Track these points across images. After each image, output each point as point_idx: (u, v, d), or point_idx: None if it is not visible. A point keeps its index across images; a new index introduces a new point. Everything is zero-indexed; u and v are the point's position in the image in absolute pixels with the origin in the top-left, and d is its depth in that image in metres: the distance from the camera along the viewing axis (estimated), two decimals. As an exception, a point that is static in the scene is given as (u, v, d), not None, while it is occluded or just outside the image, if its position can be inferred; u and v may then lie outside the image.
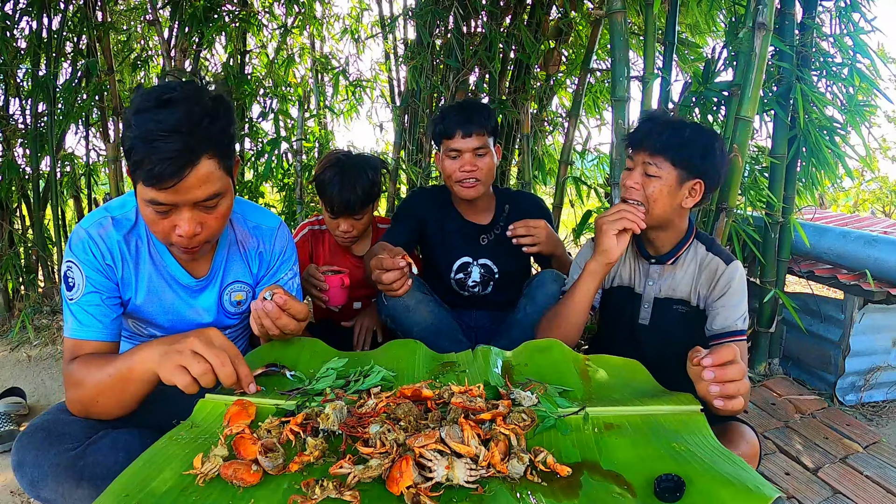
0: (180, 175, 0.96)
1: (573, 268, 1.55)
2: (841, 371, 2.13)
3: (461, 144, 1.65)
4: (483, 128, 1.65)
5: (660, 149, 1.31)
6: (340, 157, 1.72)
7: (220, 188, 1.04)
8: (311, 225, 1.88)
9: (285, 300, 1.07)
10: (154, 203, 0.99)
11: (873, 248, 2.07)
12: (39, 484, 0.97)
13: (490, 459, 0.81)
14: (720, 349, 0.96)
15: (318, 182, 1.70)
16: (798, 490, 1.59)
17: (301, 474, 0.81)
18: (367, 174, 1.68)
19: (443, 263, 1.80)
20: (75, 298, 1.11)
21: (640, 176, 1.34)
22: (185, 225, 1.02)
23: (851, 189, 5.54)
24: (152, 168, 0.94)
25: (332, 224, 1.74)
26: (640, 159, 1.35)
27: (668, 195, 1.33)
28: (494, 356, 1.19)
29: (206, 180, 1.00)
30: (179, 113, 0.95)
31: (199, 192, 1.00)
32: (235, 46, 3.17)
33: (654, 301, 1.47)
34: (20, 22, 2.84)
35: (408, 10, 2.88)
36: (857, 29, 2.09)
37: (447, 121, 1.66)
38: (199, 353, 0.93)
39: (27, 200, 3.02)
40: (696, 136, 1.32)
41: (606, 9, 1.94)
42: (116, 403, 1.03)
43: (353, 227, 1.72)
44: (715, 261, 1.41)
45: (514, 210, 1.81)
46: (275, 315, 1.07)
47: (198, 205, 1.03)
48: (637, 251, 1.49)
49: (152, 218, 1.03)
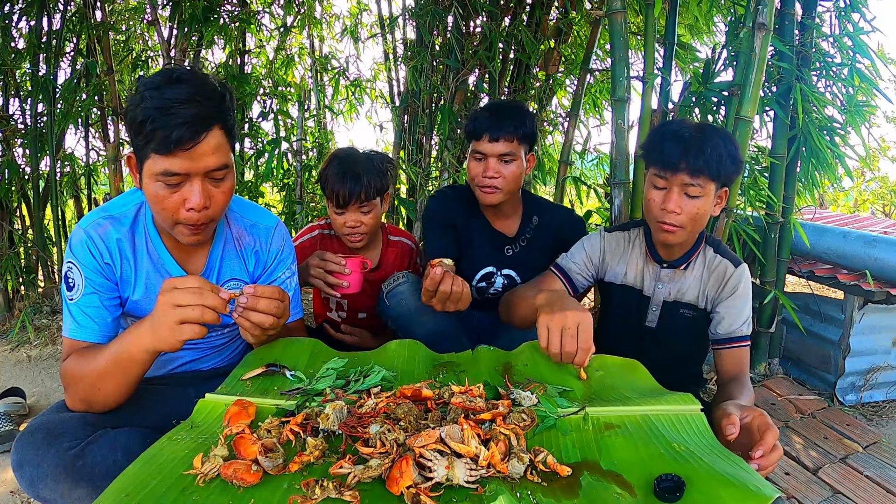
0: (196, 139, 1.00)
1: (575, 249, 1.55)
2: (841, 371, 2.13)
3: (487, 148, 1.56)
4: (514, 134, 1.55)
5: (703, 168, 1.26)
6: (346, 150, 1.67)
7: (228, 161, 1.08)
8: (322, 228, 1.78)
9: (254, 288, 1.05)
10: (166, 174, 1.01)
11: (873, 248, 2.07)
12: (39, 483, 0.97)
13: (490, 459, 0.81)
14: (765, 436, 0.95)
15: (322, 178, 1.63)
16: (798, 490, 1.59)
17: (301, 474, 0.81)
18: (372, 164, 1.62)
19: (466, 271, 1.74)
20: (75, 299, 1.12)
21: (680, 197, 1.29)
22: (195, 197, 1.04)
23: (851, 189, 5.55)
24: (169, 133, 0.98)
25: (338, 222, 1.64)
26: (677, 181, 1.28)
27: (709, 210, 1.32)
28: (494, 356, 1.19)
29: (217, 149, 1.04)
30: (193, 86, 1.01)
31: (212, 159, 1.03)
32: (235, 46, 3.17)
33: (662, 304, 1.47)
34: (20, 22, 2.84)
35: (407, 10, 2.88)
36: (856, 29, 2.09)
37: (478, 121, 1.58)
38: (179, 302, 0.94)
39: (27, 200, 3.02)
40: (729, 147, 1.29)
41: (606, 9, 1.94)
42: (116, 388, 1.05)
43: (359, 222, 1.61)
44: (724, 263, 1.41)
45: (543, 223, 1.74)
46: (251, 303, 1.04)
47: (208, 175, 1.05)
48: (648, 254, 1.48)
49: (162, 194, 1.04)
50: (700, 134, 1.29)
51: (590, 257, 1.53)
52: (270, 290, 1.06)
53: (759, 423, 0.98)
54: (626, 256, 1.51)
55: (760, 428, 0.97)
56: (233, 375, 1.10)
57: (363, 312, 1.82)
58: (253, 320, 1.04)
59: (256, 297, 1.03)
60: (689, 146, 1.26)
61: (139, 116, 0.99)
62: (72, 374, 1.06)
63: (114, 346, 1.03)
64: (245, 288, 1.05)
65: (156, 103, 0.98)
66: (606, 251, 1.52)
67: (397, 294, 1.54)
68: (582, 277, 1.54)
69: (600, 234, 1.54)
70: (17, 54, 2.86)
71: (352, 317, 1.82)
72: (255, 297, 1.03)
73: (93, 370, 1.03)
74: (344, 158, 1.62)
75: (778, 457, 0.95)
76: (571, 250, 1.56)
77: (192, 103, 0.99)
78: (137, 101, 1.00)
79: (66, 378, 1.08)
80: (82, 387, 1.05)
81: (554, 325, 1.09)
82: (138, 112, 0.99)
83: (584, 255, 1.53)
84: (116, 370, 1.03)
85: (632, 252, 1.50)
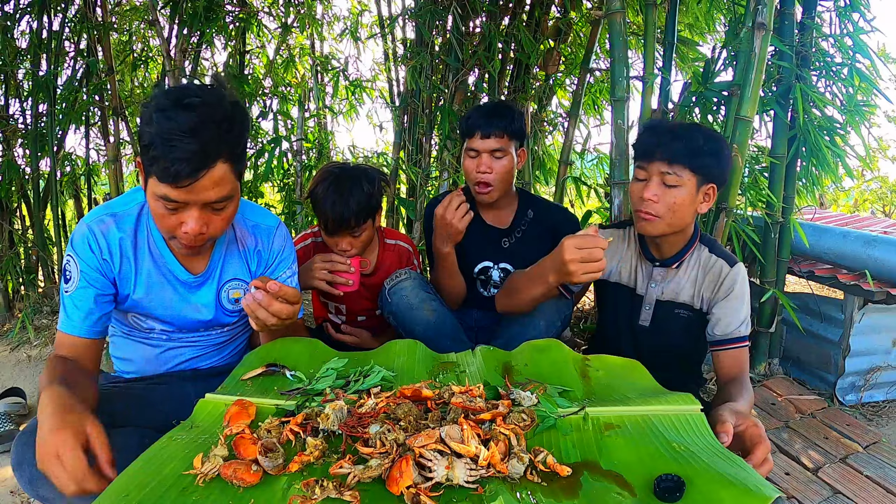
0: (195, 176, 0.99)
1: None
2: (841, 371, 2.13)
3: (479, 145, 1.66)
4: (504, 130, 1.64)
5: (678, 156, 1.28)
6: (334, 171, 1.59)
7: (231, 192, 1.07)
8: (315, 236, 1.76)
9: (279, 287, 1.08)
10: (165, 199, 1.01)
11: (873, 248, 2.07)
12: (38, 483, 0.97)
13: (490, 459, 0.81)
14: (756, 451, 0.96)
15: (312, 198, 1.58)
16: (798, 490, 1.59)
17: (301, 474, 0.81)
18: (362, 187, 1.54)
19: (464, 267, 1.79)
20: (70, 291, 1.14)
21: (658, 187, 1.31)
22: (191, 223, 1.04)
23: (851, 189, 5.54)
24: (169, 167, 0.97)
25: (330, 243, 1.62)
26: (655, 169, 1.31)
27: (689, 203, 1.32)
28: (494, 356, 1.19)
29: (218, 183, 1.03)
30: (200, 116, 0.97)
31: (212, 193, 1.03)
32: (235, 46, 3.17)
33: (655, 303, 1.47)
34: (21, 22, 2.84)
35: (407, 10, 2.88)
36: (856, 29, 2.09)
37: (470, 120, 1.68)
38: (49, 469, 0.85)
39: (27, 200, 3.02)
40: (709, 141, 1.30)
41: (606, 9, 1.94)
42: None
43: (351, 246, 1.59)
44: (719, 263, 1.40)
45: (538, 217, 1.80)
46: (266, 303, 1.08)
47: (207, 205, 1.05)
48: (640, 253, 1.48)
49: (161, 213, 1.05)
50: (679, 126, 1.33)
51: None
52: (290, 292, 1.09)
53: (752, 435, 0.98)
54: (620, 254, 1.51)
55: (752, 440, 0.98)
56: (233, 375, 1.10)
57: (362, 316, 1.83)
58: (260, 316, 1.08)
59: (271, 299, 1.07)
60: (665, 135, 1.31)
61: (145, 139, 0.99)
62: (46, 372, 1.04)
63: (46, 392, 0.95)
64: (269, 284, 1.07)
65: (161, 129, 0.96)
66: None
67: (399, 290, 1.57)
68: None
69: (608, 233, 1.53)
70: (19, 54, 2.86)
71: (351, 319, 1.83)
72: (270, 298, 1.07)
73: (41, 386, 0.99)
74: (333, 182, 1.55)
75: (767, 470, 0.96)
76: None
77: (196, 138, 0.96)
78: (146, 118, 0.99)
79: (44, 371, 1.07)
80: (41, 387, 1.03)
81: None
82: (144, 133, 0.99)
83: None
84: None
85: (626, 250, 1.50)
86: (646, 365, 1.14)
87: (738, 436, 0.98)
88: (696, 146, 1.29)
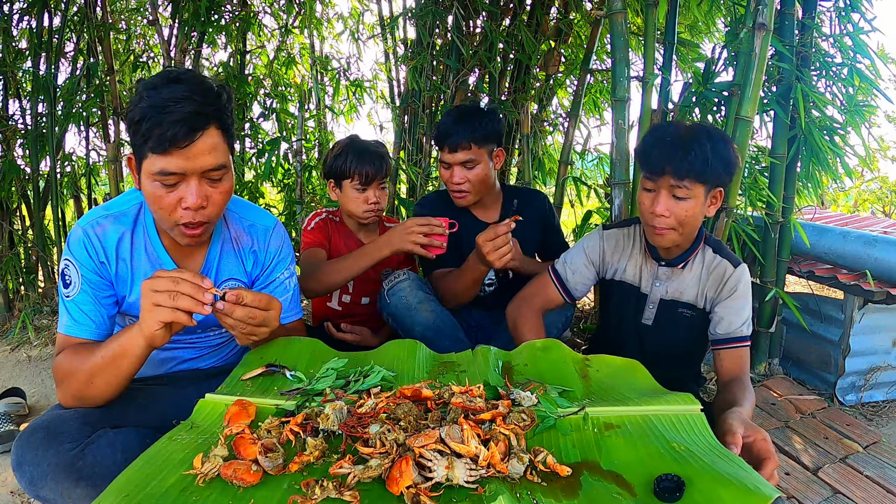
0: (192, 137, 1.00)
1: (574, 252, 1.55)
2: (841, 371, 2.13)
3: (449, 158, 1.69)
4: (471, 140, 1.65)
5: (687, 171, 1.26)
6: (352, 138, 1.80)
7: (225, 161, 1.08)
8: (328, 213, 1.89)
9: (236, 294, 1.01)
10: (163, 174, 1.02)
11: (873, 248, 2.07)
12: (39, 483, 0.97)
13: (490, 459, 0.81)
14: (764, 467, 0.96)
15: (336, 166, 1.73)
16: (798, 490, 1.59)
17: (301, 474, 0.81)
18: (377, 146, 1.78)
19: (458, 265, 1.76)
20: (71, 296, 1.13)
21: (668, 199, 1.29)
22: (191, 196, 1.04)
23: (851, 189, 5.54)
24: (165, 132, 0.98)
25: (359, 200, 1.74)
26: (664, 183, 1.29)
27: (700, 212, 1.32)
28: (494, 356, 1.19)
29: (214, 148, 1.04)
30: (189, 86, 1.01)
31: (209, 158, 1.04)
32: (235, 46, 3.17)
33: (659, 302, 1.47)
34: (21, 22, 2.84)
35: (408, 10, 2.88)
36: (856, 29, 2.09)
37: (439, 131, 1.70)
38: (156, 287, 0.95)
39: (27, 200, 3.02)
40: (718, 148, 1.27)
41: (606, 9, 1.94)
42: (109, 384, 1.05)
43: (380, 198, 1.75)
44: (723, 264, 1.41)
45: (521, 204, 1.78)
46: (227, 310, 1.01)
47: (205, 175, 1.05)
48: (647, 252, 1.48)
49: (159, 193, 1.05)
50: (687, 136, 1.28)
51: (590, 259, 1.53)
52: (254, 298, 1.02)
53: (761, 449, 0.98)
54: (626, 253, 1.51)
55: (761, 454, 0.98)
56: (233, 375, 1.10)
57: (366, 297, 1.87)
58: (227, 323, 1.03)
59: (232, 306, 1.00)
60: (674, 150, 1.26)
61: (136, 115, 1.00)
62: (65, 369, 1.07)
63: (110, 343, 1.04)
64: (228, 293, 1.00)
65: (153, 102, 0.99)
66: (606, 250, 1.52)
67: (398, 291, 1.57)
68: (582, 284, 1.54)
69: (599, 234, 1.53)
70: (19, 54, 2.86)
71: (356, 301, 1.84)
72: (231, 306, 1.00)
73: (87, 366, 1.04)
74: (358, 143, 1.77)
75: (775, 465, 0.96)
76: (570, 253, 1.56)
77: (188, 101, 0.99)
78: (136, 100, 1.01)
79: (58, 373, 1.08)
80: (75, 382, 1.05)
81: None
82: (136, 111, 1.00)
83: (584, 257, 1.53)
84: (110, 365, 1.03)
85: (632, 249, 1.51)
86: (647, 364, 1.14)
87: (747, 447, 0.99)
88: (706, 157, 1.25)
